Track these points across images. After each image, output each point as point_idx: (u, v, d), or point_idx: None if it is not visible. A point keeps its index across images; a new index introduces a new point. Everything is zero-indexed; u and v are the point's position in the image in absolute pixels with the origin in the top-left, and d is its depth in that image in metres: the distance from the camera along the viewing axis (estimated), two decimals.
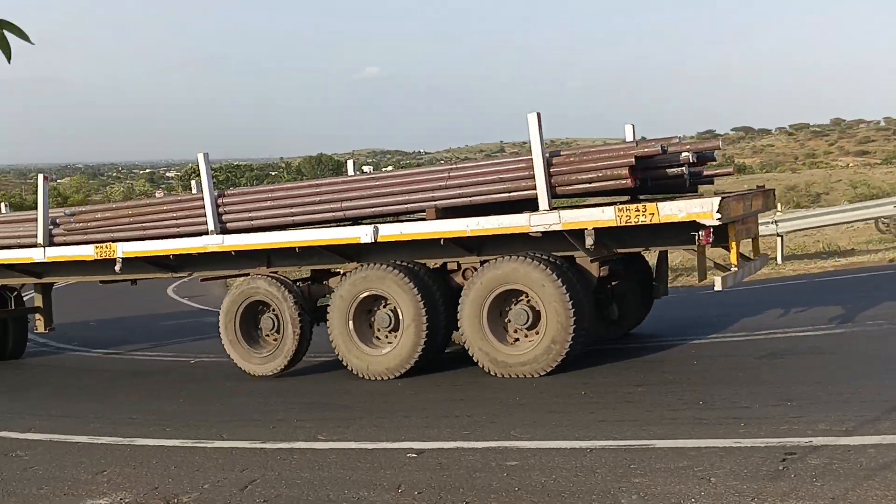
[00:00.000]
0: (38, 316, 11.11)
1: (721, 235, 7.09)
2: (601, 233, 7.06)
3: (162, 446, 6.03)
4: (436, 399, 7.08)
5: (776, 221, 17.12)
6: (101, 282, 10.51)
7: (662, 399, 6.26)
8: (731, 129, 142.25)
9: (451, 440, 5.46)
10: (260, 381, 8.50)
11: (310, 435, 6.00)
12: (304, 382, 8.26)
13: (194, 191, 9.71)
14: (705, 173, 8.05)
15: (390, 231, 7.77)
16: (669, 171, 7.28)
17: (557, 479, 4.50)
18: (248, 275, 8.71)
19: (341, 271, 8.41)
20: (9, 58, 2.40)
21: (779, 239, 16.99)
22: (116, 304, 17.68)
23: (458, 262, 7.93)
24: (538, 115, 7.14)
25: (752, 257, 8.44)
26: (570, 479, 4.47)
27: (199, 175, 8.79)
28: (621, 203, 7.22)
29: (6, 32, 2.38)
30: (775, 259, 16.88)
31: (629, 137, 8.45)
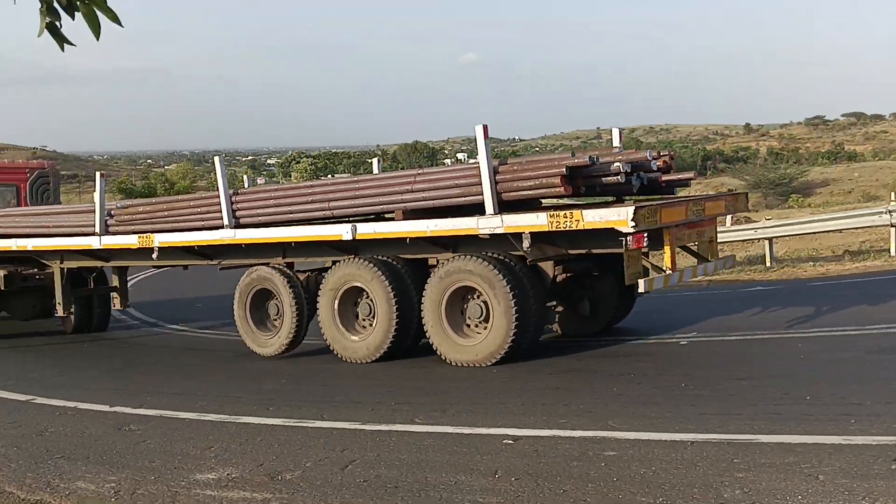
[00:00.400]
0: (115, 294, 12.32)
1: (657, 239, 7.45)
2: (542, 236, 7.59)
3: (265, 425, 6.22)
4: (531, 387, 7.06)
5: (890, 211, 16.29)
6: (154, 266, 11.58)
7: (767, 393, 6.07)
8: (842, 115, 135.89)
9: (548, 428, 5.44)
10: (358, 365, 8.66)
11: (407, 418, 6.08)
12: (400, 367, 8.37)
13: (293, 179, 10.43)
14: (664, 178, 8.27)
15: (365, 230, 8.52)
16: (605, 179, 7.62)
17: (657, 470, 4.43)
18: (267, 264, 9.49)
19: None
20: (97, 35, 2.46)
21: (893, 230, 16.17)
22: (224, 285, 18.23)
23: (437, 258, 8.44)
24: (485, 126, 7.62)
25: (709, 259, 8.60)
26: (669, 472, 4.39)
27: (298, 162, 9.32)
28: (554, 210, 7.71)
29: (99, 14, 2.44)
30: (889, 251, 16.10)
31: (616, 141, 9.05)
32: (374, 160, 11.49)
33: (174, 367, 9.63)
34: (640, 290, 7.48)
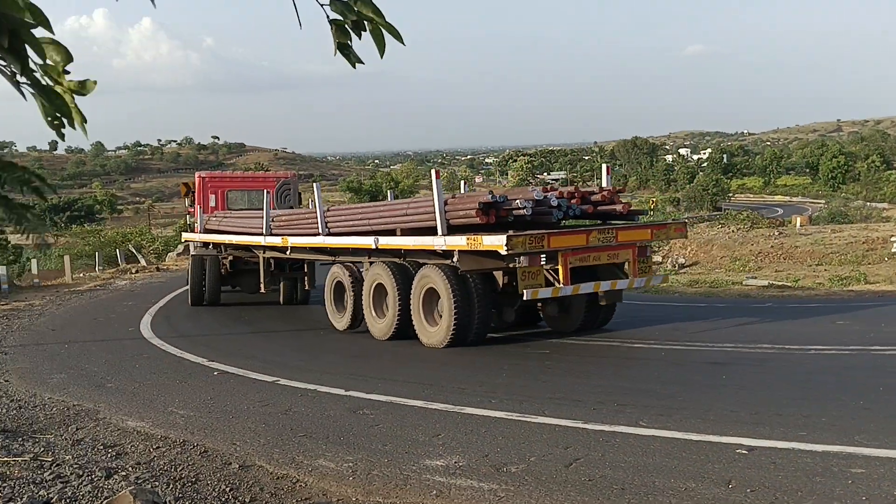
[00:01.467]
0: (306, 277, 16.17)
1: (554, 259, 9.36)
2: (469, 253, 9.55)
3: (489, 416, 6.35)
4: (766, 396, 6.67)
5: None
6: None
7: None
8: None
9: (786, 440, 5.13)
10: (577, 362, 8.62)
11: (631, 420, 5.96)
12: (623, 367, 8.25)
13: (509, 177, 11.58)
14: (601, 208, 10.17)
15: (383, 241, 11.04)
16: (515, 212, 9.62)
17: None
18: (361, 263, 12.13)
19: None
20: (382, 53, 2.64)
21: None
22: None
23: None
24: (436, 171, 10.31)
25: (629, 275, 10.03)
26: None
27: (515, 161, 10.19)
28: (472, 234, 9.57)
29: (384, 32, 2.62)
30: None
31: (604, 179, 10.70)
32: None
33: (403, 357, 10.06)
34: (524, 297, 9.20)
